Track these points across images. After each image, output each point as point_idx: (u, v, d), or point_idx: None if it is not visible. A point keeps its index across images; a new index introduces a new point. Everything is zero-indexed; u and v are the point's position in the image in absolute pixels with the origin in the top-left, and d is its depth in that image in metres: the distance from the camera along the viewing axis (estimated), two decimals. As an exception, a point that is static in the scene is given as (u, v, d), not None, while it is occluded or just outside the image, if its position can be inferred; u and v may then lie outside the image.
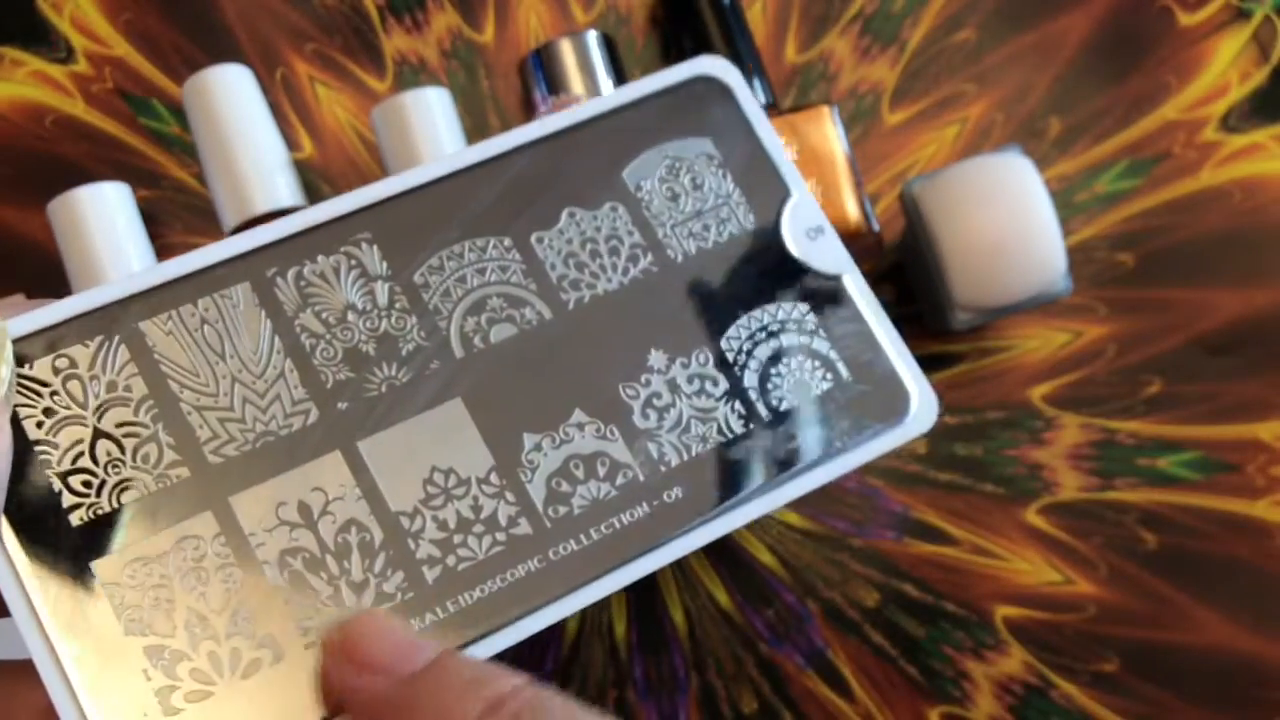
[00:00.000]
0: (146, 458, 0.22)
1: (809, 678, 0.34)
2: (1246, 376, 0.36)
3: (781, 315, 0.26)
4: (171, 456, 0.22)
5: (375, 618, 0.22)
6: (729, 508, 0.24)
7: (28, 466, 0.21)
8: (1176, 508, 0.35)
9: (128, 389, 0.22)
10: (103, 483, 0.22)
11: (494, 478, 0.24)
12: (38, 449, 0.22)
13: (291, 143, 0.37)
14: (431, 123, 0.34)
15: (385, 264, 0.24)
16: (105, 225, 0.34)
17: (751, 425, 0.25)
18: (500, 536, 0.23)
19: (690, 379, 0.25)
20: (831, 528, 0.35)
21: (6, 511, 0.21)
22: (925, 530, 0.35)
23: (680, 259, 0.26)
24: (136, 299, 0.23)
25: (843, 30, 0.39)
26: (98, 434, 0.22)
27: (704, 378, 0.25)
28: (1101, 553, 0.35)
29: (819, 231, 0.27)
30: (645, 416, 0.25)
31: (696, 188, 0.26)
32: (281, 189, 0.34)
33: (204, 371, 0.23)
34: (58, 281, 0.34)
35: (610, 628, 0.34)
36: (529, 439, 0.24)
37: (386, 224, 0.25)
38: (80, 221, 0.33)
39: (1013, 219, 0.33)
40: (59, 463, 0.22)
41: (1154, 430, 0.36)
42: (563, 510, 0.24)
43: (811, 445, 0.25)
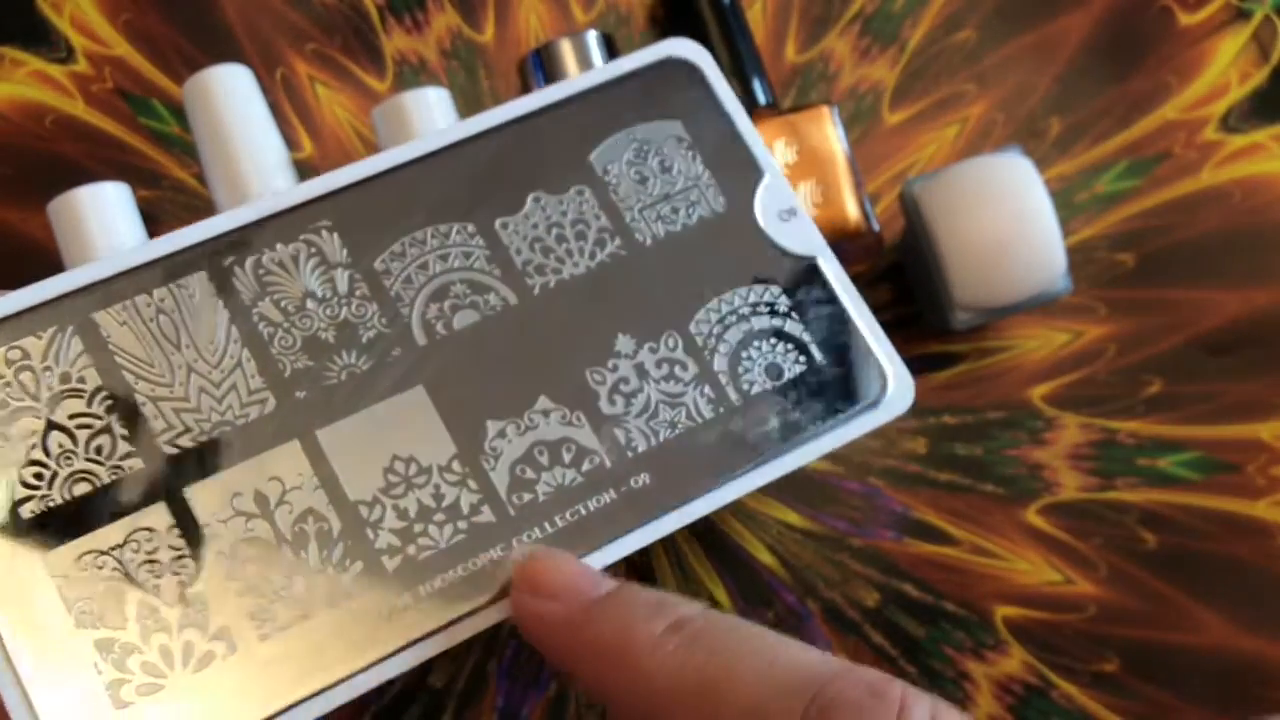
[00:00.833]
0: (100, 449, 0.22)
1: (809, 678, 0.34)
2: (1246, 376, 0.36)
3: (753, 298, 0.26)
4: (125, 448, 0.22)
5: (554, 553, 0.22)
6: (698, 493, 0.24)
7: None
8: (1176, 508, 0.35)
9: (81, 380, 0.22)
10: (55, 475, 0.21)
11: (456, 465, 0.23)
12: None
13: (291, 143, 0.37)
14: (431, 123, 0.34)
15: (346, 251, 0.24)
16: (105, 225, 0.33)
17: (721, 410, 0.25)
18: (462, 525, 0.23)
19: (659, 364, 0.25)
20: (831, 528, 0.35)
21: None
22: (925, 530, 0.35)
23: (648, 242, 0.26)
24: (90, 289, 0.23)
25: (843, 30, 0.39)
26: (50, 426, 0.22)
27: (673, 362, 0.25)
28: (1101, 553, 0.35)
29: (791, 213, 0.26)
30: (612, 402, 0.24)
31: (665, 170, 0.26)
32: (281, 189, 0.34)
33: (159, 362, 0.23)
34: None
35: (610, 628, 0.34)
36: (493, 426, 0.24)
37: (347, 211, 0.24)
38: (80, 221, 0.33)
39: (1013, 219, 0.33)
40: (10, 455, 0.21)
41: (1154, 430, 0.36)
42: (527, 497, 0.23)
43: (784, 429, 0.25)
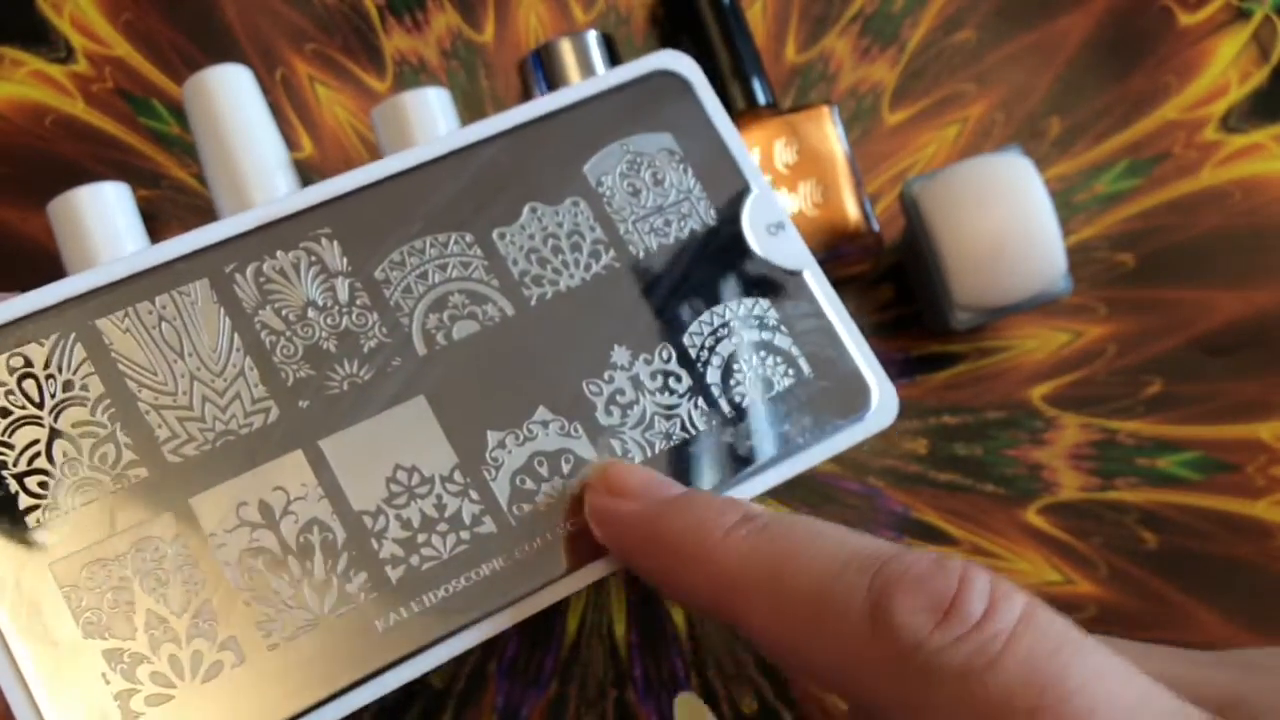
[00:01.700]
0: (104, 458, 0.22)
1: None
2: (1246, 376, 0.36)
3: (743, 311, 0.26)
4: (130, 457, 0.22)
5: (629, 463, 0.24)
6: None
7: None
8: (1176, 508, 0.35)
9: (84, 388, 0.22)
10: (60, 483, 0.21)
11: (458, 476, 0.23)
12: None
13: (291, 143, 0.37)
14: (431, 123, 0.34)
15: (346, 260, 0.24)
16: (105, 225, 0.33)
17: (714, 422, 0.25)
18: (464, 535, 0.23)
19: (653, 375, 0.25)
20: (831, 528, 0.35)
21: None
22: (925, 530, 0.35)
23: (642, 255, 0.26)
24: (93, 296, 0.23)
25: (843, 30, 0.39)
26: (54, 434, 0.22)
27: (667, 374, 0.25)
28: (1101, 553, 0.35)
29: (779, 227, 0.26)
30: (609, 413, 0.24)
31: (658, 183, 0.26)
32: (281, 189, 0.34)
33: (162, 370, 0.22)
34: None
35: (610, 628, 0.34)
36: (493, 436, 0.24)
37: (347, 219, 0.24)
38: (80, 221, 0.33)
39: (1013, 219, 0.33)
40: (15, 463, 0.21)
41: (1154, 430, 0.36)
42: (527, 508, 0.23)
43: (773, 441, 0.25)
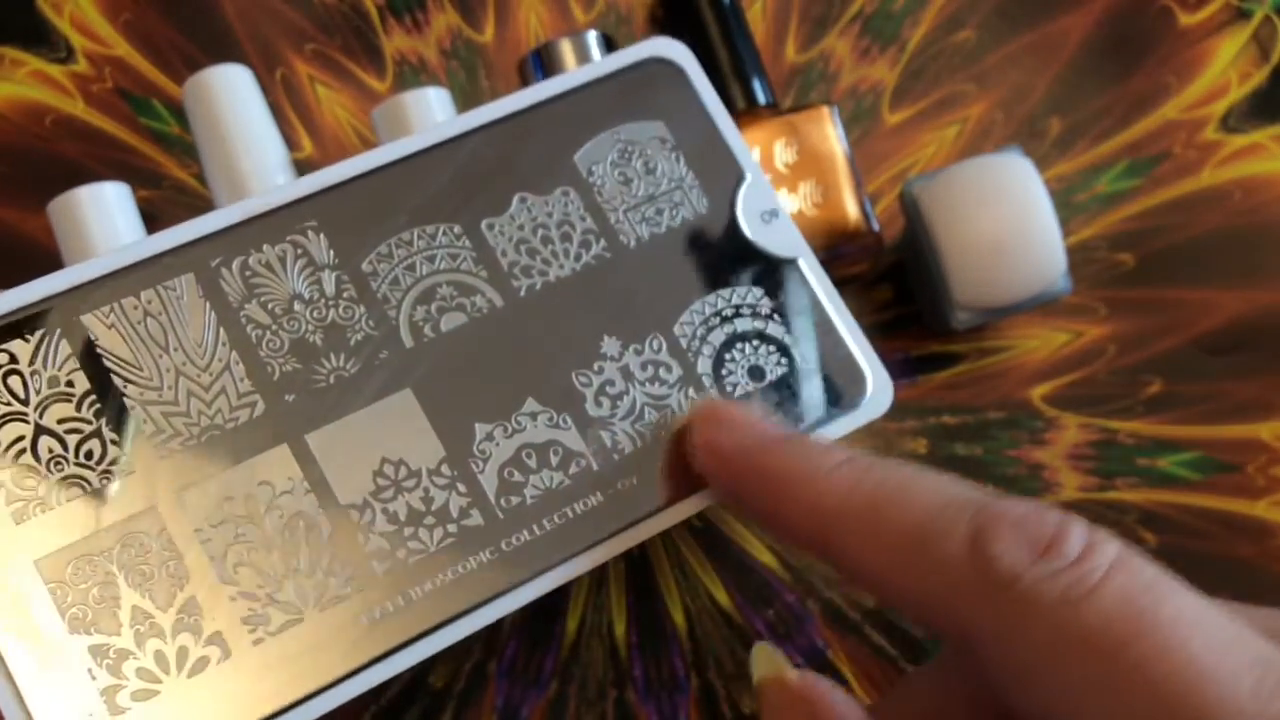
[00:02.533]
0: (90, 454, 0.22)
1: (809, 678, 0.34)
2: (1246, 376, 0.36)
3: (736, 300, 0.26)
4: (115, 452, 0.22)
5: (736, 402, 0.24)
6: (682, 496, 0.24)
7: None
8: (1176, 508, 0.35)
9: (70, 384, 0.22)
10: (45, 479, 0.21)
11: (445, 469, 0.23)
12: None
13: (291, 143, 0.37)
14: (431, 123, 0.34)
15: (332, 252, 0.24)
16: (105, 225, 0.33)
17: None
18: (451, 528, 0.23)
19: (644, 366, 0.25)
20: (831, 528, 0.35)
21: None
22: (925, 530, 0.35)
23: (633, 244, 0.26)
24: (77, 291, 0.23)
25: (843, 30, 0.39)
26: (40, 430, 0.22)
27: (657, 364, 0.25)
28: (1101, 553, 0.35)
29: (773, 215, 0.26)
30: (598, 404, 0.24)
31: (649, 172, 0.26)
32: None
33: (147, 365, 0.22)
34: (58, 281, 0.34)
35: (610, 628, 0.34)
36: (480, 429, 0.24)
37: (334, 211, 0.24)
38: (80, 221, 0.33)
39: (1013, 219, 0.33)
40: (0, 460, 0.21)
41: (1154, 430, 0.36)
42: (515, 500, 0.23)
43: None
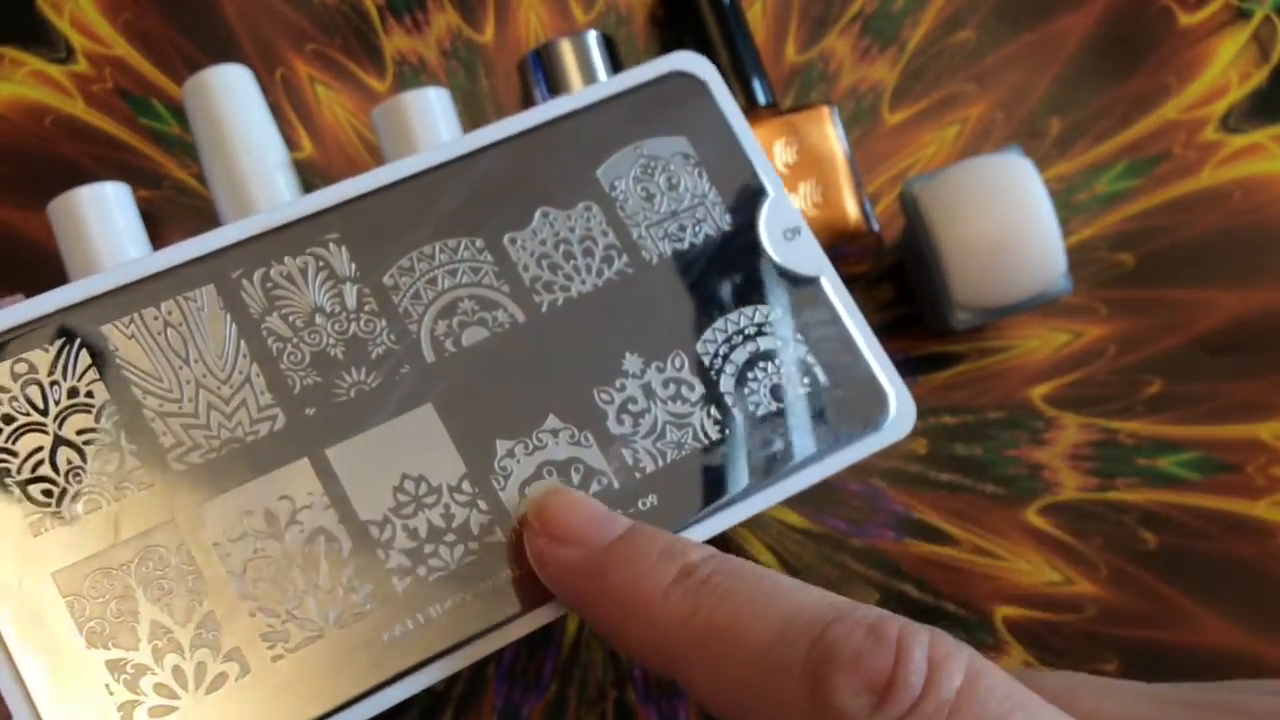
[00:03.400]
0: (108, 466, 0.21)
1: (809, 678, 0.34)
2: (1246, 376, 0.36)
3: (758, 318, 0.25)
4: (134, 464, 0.21)
5: (568, 494, 0.23)
6: (704, 515, 0.24)
7: None
8: (1176, 508, 0.35)
9: (89, 395, 0.22)
10: (64, 491, 0.21)
11: (466, 485, 0.23)
12: None
13: (291, 143, 0.37)
14: (431, 123, 0.34)
15: (354, 265, 0.24)
16: (105, 225, 0.33)
17: (727, 431, 0.24)
18: (473, 545, 0.23)
19: (666, 383, 0.24)
20: (831, 528, 0.35)
21: None
22: (925, 530, 0.35)
23: (655, 261, 0.25)
24: (98, 301, 0.22)
25: (843, 30, 0.39)
26: (58, 441, 0.21)
27: (680, 382, 0.25)
28: (1101, 553, 0.35)
29: (795, 232, 0.26)
30: (620, 422, 0.24)
31: (672, 187, 0.26)
32: (281, 189, 0.34)
33: (167, 376, 0.22)
34: (58, 282, 0.34)
35: (610, 628, 0.34)
36: (501, 445, 0.23)
37: (355, 224, 0.24)
38: (80, 221, 0.33)
39: (1013, 219, 0.33)
40: (18, 471, 0.21)
41: (1154, 430, 0.36)
42: None
43: (788, 451, 0.24)
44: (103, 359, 0.22)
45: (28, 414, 0.21)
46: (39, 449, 0.21)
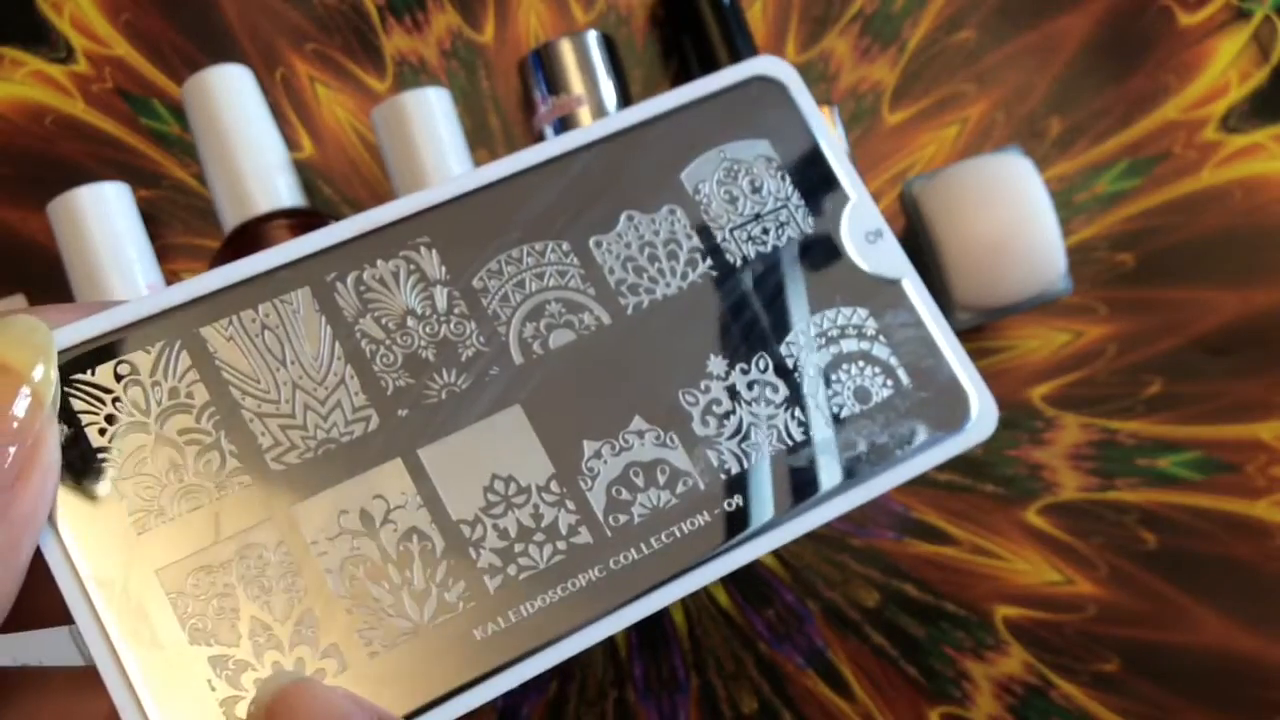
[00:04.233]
0: (209, 465, 0.22)
1: (809, 678, 0.34)
2: (1246, 376, 0.36)
3: (841, 320, 0.26)
4: (234, 464, 0.22)
5: (308, 688, 0.20)
6: (789, 517, 0.24)
7: (90, 474, 0.21)
8: (1176, 508, 0.35)
9: (189, 396, 0.22)
10: (165, 490, 0.22)
11: (554, 485, 0.23)
12: (100, 456, 0.21)
13: (291, 143, 0.37)
14: (431, 123, 0.34)
15: (444, 268, 0.24)
16: (105, 225, 0.34)
17: (812, 433, 0.25)
18: (561, 545, 0.23)
19: (750, 385, 0.25)
20: (831, 528, 0.35)
21: (71, 520, 0.21)
22: (925, 530, 0.35)
23: (739, 263, 0.26)
24: (197, 304, 0.23)
25: (843, 30, 0.39)
26: (160, 441, 0.22)
27: (764, 384, 0.25)
28: (1101, 553, 0.35)
29: (878, 235, 0.26)
30: (705, 423, 0.24)
31: (755, 190, 0.26)
32: (281, 189, 0.34)
33: (265, 378, 0.23)
34: (58, 281, 0.34)
35: (610, 628, 0.34)
36: (589, 446, 0.24)
37: (445, 227, 0.24)
38: (80, 221, 0.33)
39: (1013, 219, 0.33)
40: (122, 470, 0.22)
41: (1154, 430, 0.36)
42: (623, 519, 0.23)
43: (872, 453, 0.25)
44: (202, 360, 0.23)
45: (130, 414, 0.22)
46: (141, 448, 0.22)
